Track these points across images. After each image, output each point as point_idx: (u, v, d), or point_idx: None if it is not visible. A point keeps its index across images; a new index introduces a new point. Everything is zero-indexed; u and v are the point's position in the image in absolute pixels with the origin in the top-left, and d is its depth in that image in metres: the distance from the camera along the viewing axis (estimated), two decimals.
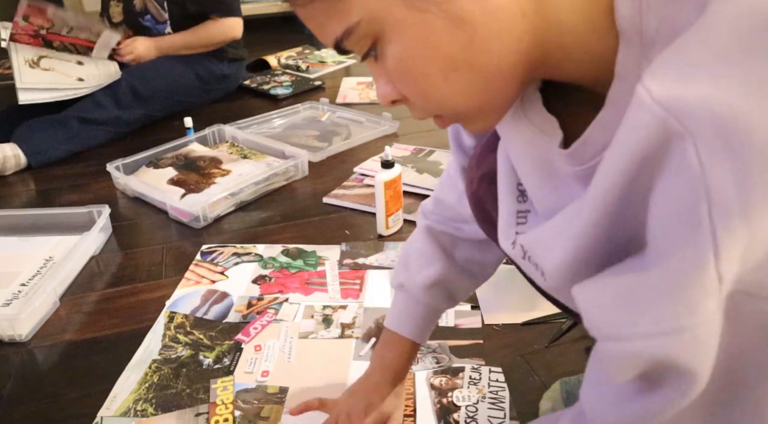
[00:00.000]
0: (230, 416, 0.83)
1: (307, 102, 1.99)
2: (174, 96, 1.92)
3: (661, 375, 0.35)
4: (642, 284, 0.34)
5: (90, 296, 1.11)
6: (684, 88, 0.31)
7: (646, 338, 0.34)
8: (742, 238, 0.30)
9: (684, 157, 0.30)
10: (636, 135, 0.33)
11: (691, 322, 0.32)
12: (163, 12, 1.88)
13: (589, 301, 0.38)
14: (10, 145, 1.61)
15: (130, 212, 1.41)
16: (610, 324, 0.36)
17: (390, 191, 1.20)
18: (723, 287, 0.31)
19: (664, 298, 0.33)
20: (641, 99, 0.32)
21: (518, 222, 0.53)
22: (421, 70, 0.40)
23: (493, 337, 0.96)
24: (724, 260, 0.30)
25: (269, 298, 1.07)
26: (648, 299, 0.34)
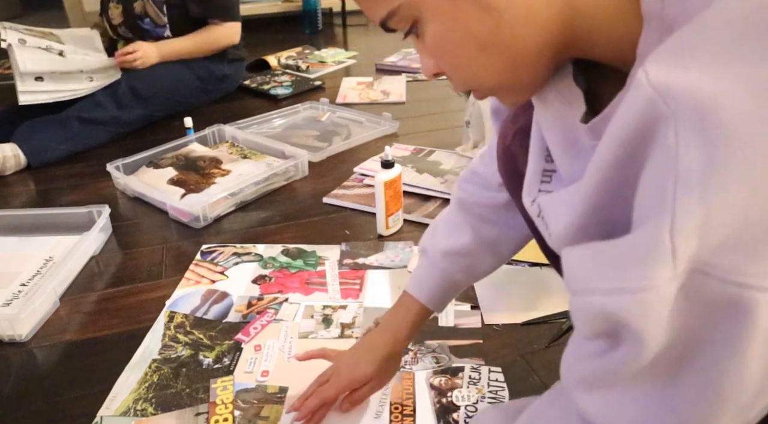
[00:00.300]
0: (230, 416, 0.83)
1: (307, 102, 1.99)
2: (174, 96, 1.92)
3: (619, 335, 0.38)
4: (613, 248, 0.37)
5: (90, 296, 1.11)
6: (676, 74, 0.34)
7: (604, 294, 0.37)
8: (698, 217, 0.32)
9: (666, 137, 0.33)
10: (631, 113, 0.36)
11: (642, 285, 0.35)
12: (162, 15, 1.88)
13: (570, 258, 0.42)
14: (10, 146, 1.61)
15: (130, 211, 1.41)
16: (580, 279, 0.40)
17: (390, 191, 1.20)
18: (678, 262, 0.33)
19: (625, 261, 0.36)
20: (639, 80, 0.35)
21: (543, 180, 0.56)
22: (453, 50, 0.45)
23: (493, 337, 0.96)
24: (679, 234, 0.33)
25: (269, 298, 1.07)
26: (614, 261, 0.37)
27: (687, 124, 0.33)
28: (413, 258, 1.16)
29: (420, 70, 2.33)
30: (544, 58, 0.45)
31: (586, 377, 0.44)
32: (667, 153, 0.33)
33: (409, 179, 1.40)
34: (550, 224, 0.51)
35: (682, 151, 0.33)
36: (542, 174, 0.56)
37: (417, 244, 1.21)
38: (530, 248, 1.16)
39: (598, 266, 0.38)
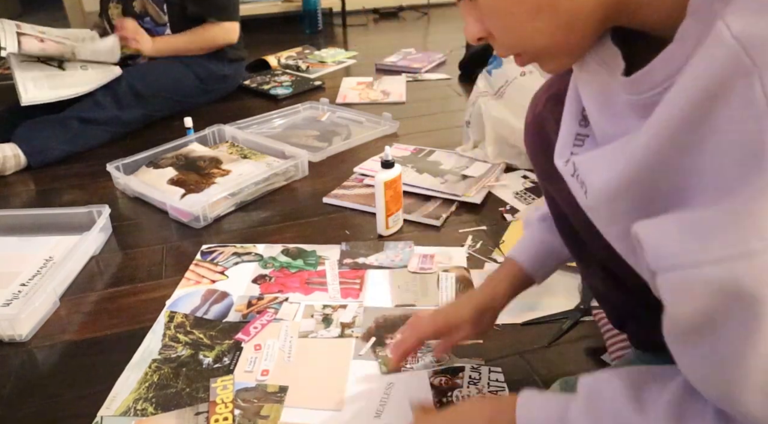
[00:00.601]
0: (230, 415, 0.83)
1: (307, 102, 1.99)
2: (174, 96, 1.92)
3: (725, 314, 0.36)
4: (710, 214, 0.35)
5: (90, 296, 1.11)
6: (761, 25, 0.32)
7: (715, 262, 0.34)
8: None
9: (750, 92, 0.32)
10: (709, 67, 0.34)
11: (761, 246, 0.33)
12: (162, 14, 1.88)
13: (653, 233, 0.39)
14: (10, 145, 1.61)
15: (130, 211, 1.41)
16: (677, 253, 0.37)
17: (390, 191, 1.20)
18: None
19: (733, 225, 0.34)
20: (720, 34, 0.34)
21: (575, 144, 0.56)
22: (508, 10, 0.46)
23: (493, 337, 0.96)
24: None
25: (269, 297, 1.07)
26: (717, 227, 0.35)
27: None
28: (413, 258, 1.16)
29: (420, 70, 2.35)
30: (593, 23, 0.45)
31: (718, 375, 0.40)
32: (756, 108, 0.32)
33: (409, 179, 1.40)
34: (588, 181, 0.51)
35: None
36: (575, 137, 0.56)
37: (417, 244, 1.21)
38: None
39: (697, 235, 0.36)
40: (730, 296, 0.35)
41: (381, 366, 0.90)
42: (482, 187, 1.38)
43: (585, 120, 0.55)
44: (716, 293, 0.35)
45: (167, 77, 1.89)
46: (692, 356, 0.42)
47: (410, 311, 1.02)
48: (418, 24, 3.40)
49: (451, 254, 1.17)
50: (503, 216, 1.30)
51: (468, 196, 1.34)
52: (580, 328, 0.97)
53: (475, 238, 1.22)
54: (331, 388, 0.87)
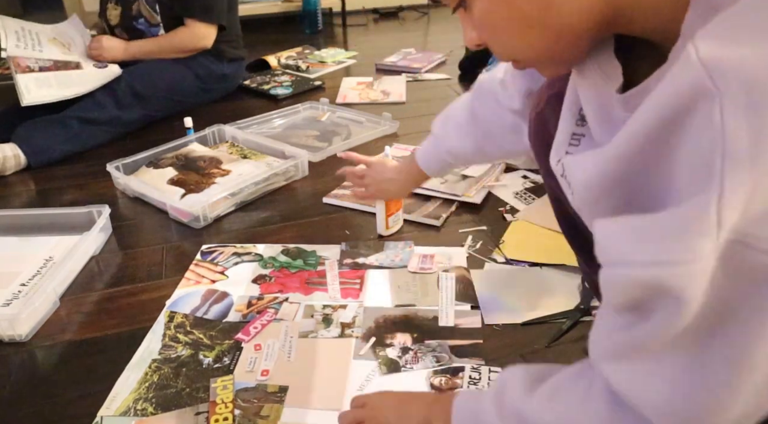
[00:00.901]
0: (230, 415, 0.83)
1: (307, 102, 1.99)
2: (174, 96, 1.92)
3: (652, 303, 0.39)
4: (652, 221, 0.38)
5: (90, 296, 1.11)
6: (726, 51, 0.35)
7: (644, 266, 0.38)
8: (746, 187, 0.33)
9: (710, 115, 0.34)
10: (675, 87, 0.37)
11: (685, 258, 0.35)
12: (155, 15, 1.88)
13: (603, 230, 0.42)
14: (10, 146, 1.61)
15: (130, 211, 1.41)
16: (616, 251, 0.40)
17: None
18: (721, 233, 0.34)
19: (667, 234, 0.36)
20: (688, 55, 0.36)
21: (571, 143, 0.58)
22: (500, 24, 0.47)
23: (493, 337, 0.96)
24: (726, 207, 0.33)
25: (269, 297, 1.07)
26: (653, 234, 0.37)
27: (734, 100, 0.33)
28: (413, 258, 1.16)
29: (420, 70, 2.35)
30: (587, 35, 0.46)
31: (616, 348, 0.45)
32: (712, 129, 0.34)
33: None
34: (573, 181, 0.53)
35: (728, 126, 0.33)
36: (571, 137, 0.57)
37: (417, 244, 1.21)
38: (530, 248, 1.17)
39: (635, 239, 0.39)
40: (655, 292, 0.38)
41: (381, 366, 0.90)
42: (482, 187, 1.38)
43: (582, 120, 0.56)
44: (643, 289, 0.38)
45: (167, 77, 1.88)
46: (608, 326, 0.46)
47: (410, 310, 1.02)
48: (418, 24, 3.40)
49: (451, 254, 1.17)
50: (503, 216, 1.30)
51: (468, 197, 1.34)
52: (580, 328, 0.97)
53: (475, 238, 1.22)
54: (331, 388, 0.87)
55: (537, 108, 0.70)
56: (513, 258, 1.15)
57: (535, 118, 0.72)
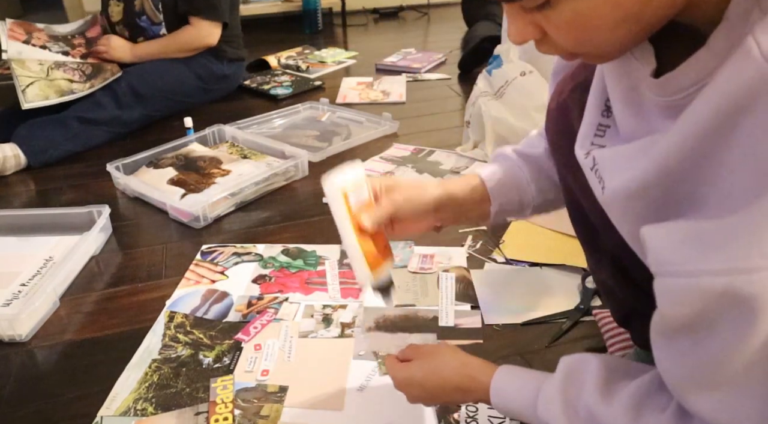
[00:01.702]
0: (230, 415, 0.83)
1: (307, 102, 1.99)
2: (174, 96, 1.92)
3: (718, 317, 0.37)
4: (715, 226, 0.36)
5: (90, 296, 1.11)
6: None
7: (714, 274, 0.35)
8: None
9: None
10: (734, 84, 0.35)
11: (760, 264, 0.34)
12: (158, 13, 1.88)
13: (658, 238, 0.40)
14: (10, 146, 1.61)
15: (130, 212, 1.41)
16: (677, 261, 0.38)
17: None
18: None
19: (737, 240, 0.35)
20: (749, 50, 0.34)
21: (596, 134, 0.55)
22: (596, 21, 0.42)
23: (493, 337, 0.96)
24: None
25: (269, 297, 1.07)
26: (720, 239, 0.36)
27: None
28: (413, 258, 1.16)
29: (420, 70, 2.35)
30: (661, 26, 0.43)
31: (689, 375, 0.42)
32: None
33: None
34: (607, 178, 0.50)
35: None
36: (597, 128, 0.56)
37: (417, 244, 1.21)
38: (530, 248, 1.17)
39: (699, 245, 0.37)
40: (727, 302, 0.36)
41: (381, 366, 0.90)
42: None
43: (608, 110, 0.55)
44: (713, 299, 0.36)
45: (167, 77, 1.88)
46: (675, 351, 0.43)
47: (410, 310, 1.02)
48: (418, 24, 3.40)
49: (451, 254, 1.17)
50: None
51: None
52: (580, 328, 0.97)
53: (475, 238, 1.22)
54: (331, 388, 0.87)
55: (559, 98, 0.68)
56: (513, 258, 1.15)
57: (555, 108, 0.69)
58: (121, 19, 1.92)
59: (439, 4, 3.69)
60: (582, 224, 0.72)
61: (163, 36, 1.91)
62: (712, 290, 0.36)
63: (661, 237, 0.40)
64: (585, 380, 0.53)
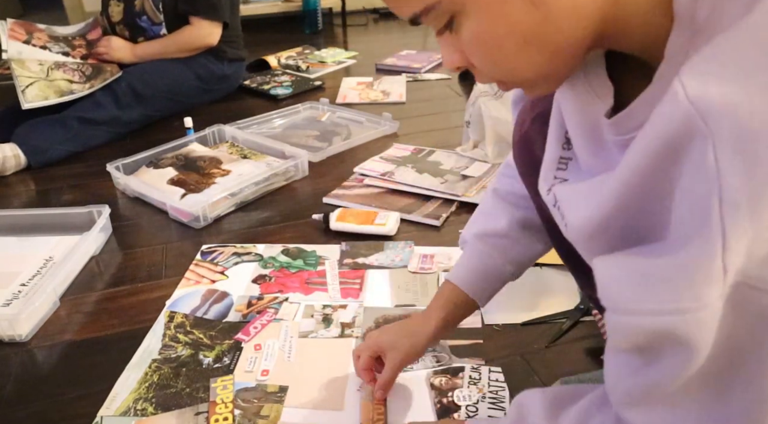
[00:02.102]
0: (230, 415, 0.83)
1: (307, 102, 1.99)
2: (174, 96, 1.92)
3: (661, 348, 0.39)
4: (655, 267, 0.37)
5: (90, 296, 1.11)
6: (714, 90, 0.34)
7: (652, 314, 0.37)
8: (748, 234, 0.33)
9: (704, 156, 0.34)
10: (665, 126, 0.36)
11: (694, 306, 0.35)
12: (158, 13, 1.88)
13: (606, 274, 0.42)
14: (10, 146, 1.61)
15: (130, 211, 1.41)
16: (622, 299, 0.40)
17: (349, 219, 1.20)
18: (727, 278, 0.34)
19: (673, 282, 0.36)
20: (675, 92, 0.35)
21: (559, 167, 0.56)
22: (496, 44, 0.44)
23: (493, 337, 0.96)
24: (730, 253, 0.33)
25: (269, 297, 1.07)
26: (659, 280, 0.37)
27: (727, 143, 0.33)
28: (413, 258, 1.16)
29: (419, 70, 2.35)
30: (581, 50, 0.45)
31: (632, 393, 0.44)
32: (706, 172, 0.33)
33: (409, 179, 1.40)
34: (567, 216, 0.51)
35: (723, 171, 0.33)
36: (558, 162, 0.56)
37: (417, 244, 1.21)
38: None
39: (640, 286, 0.39)
40: (666, 339, 0.37)
41: None
42: (482, 187, 1.38)
43: (568, 143, 0.55)
44: (653, 336, 0.38)
45: (167, 77, 1.89)
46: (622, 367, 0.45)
47: (410, 310, 1.02)
48: None
49: (451, 254, 1.17)
50: None
51: (468, 196, 1.34)
52: (580, 328, 0.97)
53: None
54: (331, 388, 0.87)
55: (521, 129, 0.68)
56: None
57: (519, 140, 0.69)
58: (121, 19, 1.92)
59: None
60: (560, 244, 0.72)
61: (164, 36, 1.91)
62: (651, 329, 0.37)
63: (607, 273, 0.42)
64: (533, 412, 0.55)
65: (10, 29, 1.76)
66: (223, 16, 1.93)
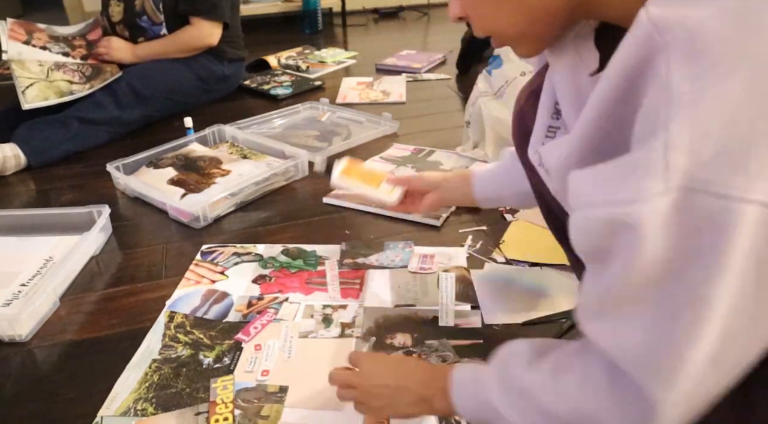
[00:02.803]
0: (230, 415, 0.83)
1: (307, 102, 1.99)
2: (174, 96, 1.92)
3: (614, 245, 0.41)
4: (611, 166, 0.41)
5: (90, 296, 1.11)
6: (672, 10, 0.37)
7: (604, 205, 0.40)
8: (688, 132, 0.35)
9: (659, 67, 0.37)
10: (628, 48, 0.40)
11: (635, 196, 0.38)
12: (159, 13, 1.88)
13: (573, 179, 0.45)
14: (10, 146, 1.61)
15: (130, 211, 1.41)
16: (581, 194, 0.43)
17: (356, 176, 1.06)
18: (670, 176, 0.36)
19: (619, 176, 0.39)
20: (640, 18, 0.39)
21: (547, 135, 0.60)
22: None
23: (493, 337, 0.96)
24: (672, 148, 0.36)
25: (269, 297, 1.07)
26: (613, 176, 0.40)
27: (677, 52, 0.36)
28: (413, 258, 1.16)
29: (419, 70, 2.35)
30: (559, 15, 0.50)
31: (593, 306, 0.46)
32: (659, 82, 0.37)
33: None
34: (548, 164, 0.55)
35: (672, 76, 0.36)
36: (547, 129, 0.60)
37: (417, 244, 1.21)
38: (530, 248, 1.17)
39: (595, 182, 0.42)
40: (611, 229, 0.40)
41: None
42: None
43: (558, 113, 0.59)
44: (602, 227, 0.41)
45: (167, 77, 1.89)
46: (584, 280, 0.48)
47: (410, 310, 1.02)
48: (418, 24, 3.40)
49: (451, 254, 1.17)
50: (503, 216, 1.30)
51: None
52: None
53: (475, 238, 1.22)
54: (331, 388, 0.87)
55: (518, 105, 0.72)
56: (513, 258, 1.15)
57: (515, 116, 0.73)
58: (121, 18, 1.92)
59: (439, 4, 3.69)
60: (554, 224, 0.75)
61: (164, 36, 1.91)
62: (604, 218, 0.40)
63: (575, 177, 0.44)
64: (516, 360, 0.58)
65: (10, 29, 1.76)
66: (224, 16, 1.93)
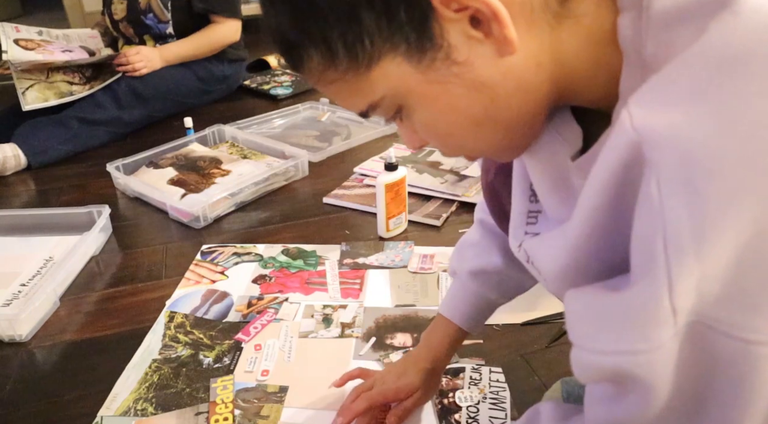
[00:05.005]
0: (230, 415, 0.83)
1: (307, 102, 1.99)
2: (174, 97, 1.92)
3: (625, 383, 0.38)
4: (611, 304, 0.37)
5: (90, 296, 1.11)
6: (659, 118, 0.33)
7: (604, 354, 0.37)
8: (694, 274, 0.32)
9: (648, 187, 0.32)
10: (614, 156, 0.35)
11: (645, 347, 0.34)
12: (166, 12, 1.88)
13: (571, 308, 0.41)
14: (10, 146, 1.61)
15: (130, 211, 1.41)
16: (582, 335, 0.40)
17: (391, 194, 1.19)
18: (678, 319, 0.33)
19: (626, 323, 0.36)
20: (623, 122, 0.34)
21: (528, 222, 0.55)
22: (447, 131, 0.44)
23: (493, 337, 0.96)
24: (678, 294, 0.32)
25: (269, 297, 1.07)
26: (613, 320, 0.37)
27: (670, 174, 0.32)
28: (413, 258, 1.16)
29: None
30: (537, 118, 0.45)
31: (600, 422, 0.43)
32: (651, 206, 0.33)
33: (409, 179, 1.40)
34: (541, 269, 0.50)
35: (666, 206, 0.32)
36: (527, 215, 0.55)
37: (417, 244, 1.21)
38: None
39: (597, 324, 0.38)
40: (622, 378, 0.37)
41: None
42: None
43: (535, 195, 0.54)
44: (610, 374, 0.38)
45: (167, 78, 1.89)
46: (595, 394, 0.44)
47: (410, 310, 1.02)
48: None
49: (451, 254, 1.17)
50: None
51: (468, 196, 1.34)
52: None
53: None
54: (331, 388, 0.87)
55: (487, 177, 0.66)
56: None
57: (486, 188, 0.68)
58: (124, 16, 1.92)
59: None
60: None
61: (169, 35, 1.91)
62: (611, 368, 0.37)
63: (571, 308, 0.41)
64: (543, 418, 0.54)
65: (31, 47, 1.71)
66: (241, 14, 1.96)
